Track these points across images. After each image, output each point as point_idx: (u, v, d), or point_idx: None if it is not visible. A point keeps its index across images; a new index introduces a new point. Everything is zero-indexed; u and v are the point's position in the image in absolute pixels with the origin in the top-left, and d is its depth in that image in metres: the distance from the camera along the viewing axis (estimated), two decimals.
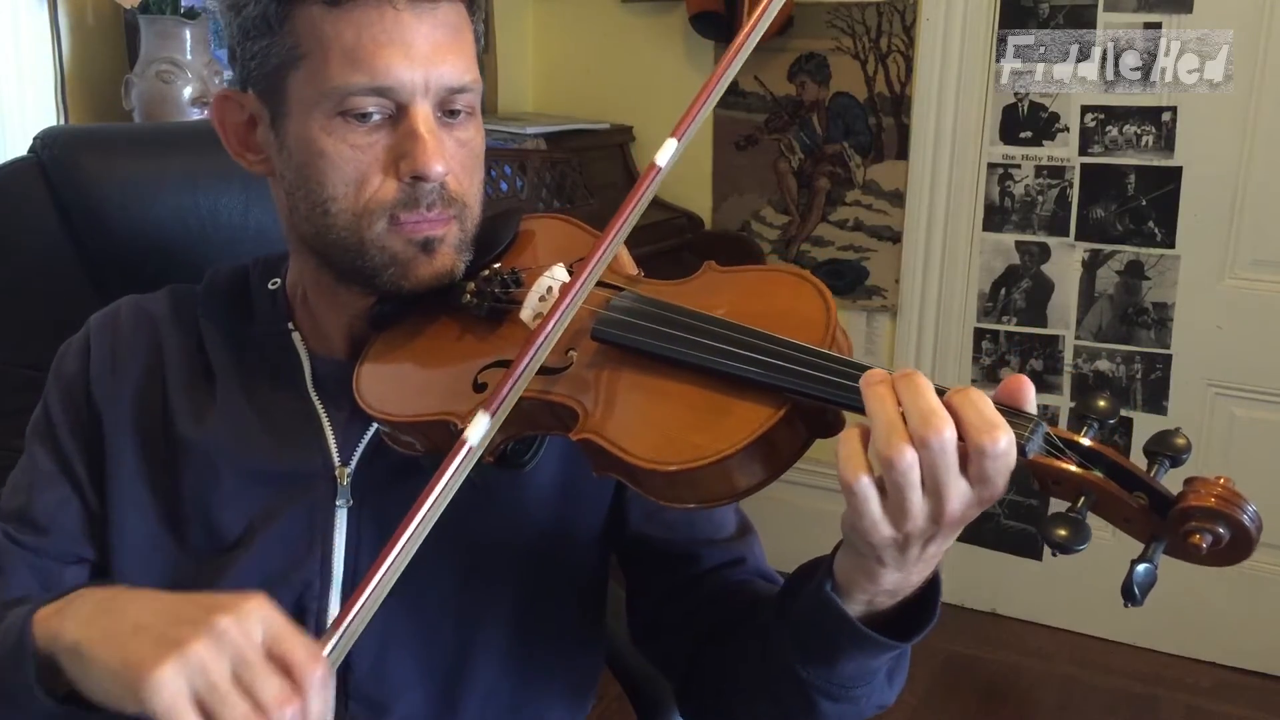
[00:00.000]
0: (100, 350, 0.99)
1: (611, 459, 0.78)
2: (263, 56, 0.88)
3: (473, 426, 0.75)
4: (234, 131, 0.95)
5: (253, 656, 0.68)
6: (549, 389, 0.82)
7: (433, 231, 0.89)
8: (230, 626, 0.68)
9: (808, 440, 0.77)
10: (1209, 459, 2.62)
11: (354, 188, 0.87)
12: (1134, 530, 0.69)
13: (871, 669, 0.81)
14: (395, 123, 0.87)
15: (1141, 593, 0.65)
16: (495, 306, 0.90)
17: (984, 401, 0.68)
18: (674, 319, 0.81)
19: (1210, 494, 0.66)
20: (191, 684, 0.66)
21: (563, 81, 3.10)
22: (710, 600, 0.96)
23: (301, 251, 0.96)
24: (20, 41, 1.90)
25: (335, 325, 0.98)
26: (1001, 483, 0.68)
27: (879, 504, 0.69)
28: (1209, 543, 0.66)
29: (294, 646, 0.69)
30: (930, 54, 2.65)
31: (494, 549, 0.96)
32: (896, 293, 2.82)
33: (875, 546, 0.72)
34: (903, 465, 0.67)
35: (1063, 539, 0.66)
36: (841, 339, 0.80)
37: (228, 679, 0.67)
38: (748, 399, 0.75)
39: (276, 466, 0.95)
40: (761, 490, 0.77)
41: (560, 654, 1.01)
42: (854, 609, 0.78)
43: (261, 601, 0.70)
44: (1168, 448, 0.70)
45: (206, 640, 0.67)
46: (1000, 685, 2.64)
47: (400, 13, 0.84)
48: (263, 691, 0.67)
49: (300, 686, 0.68)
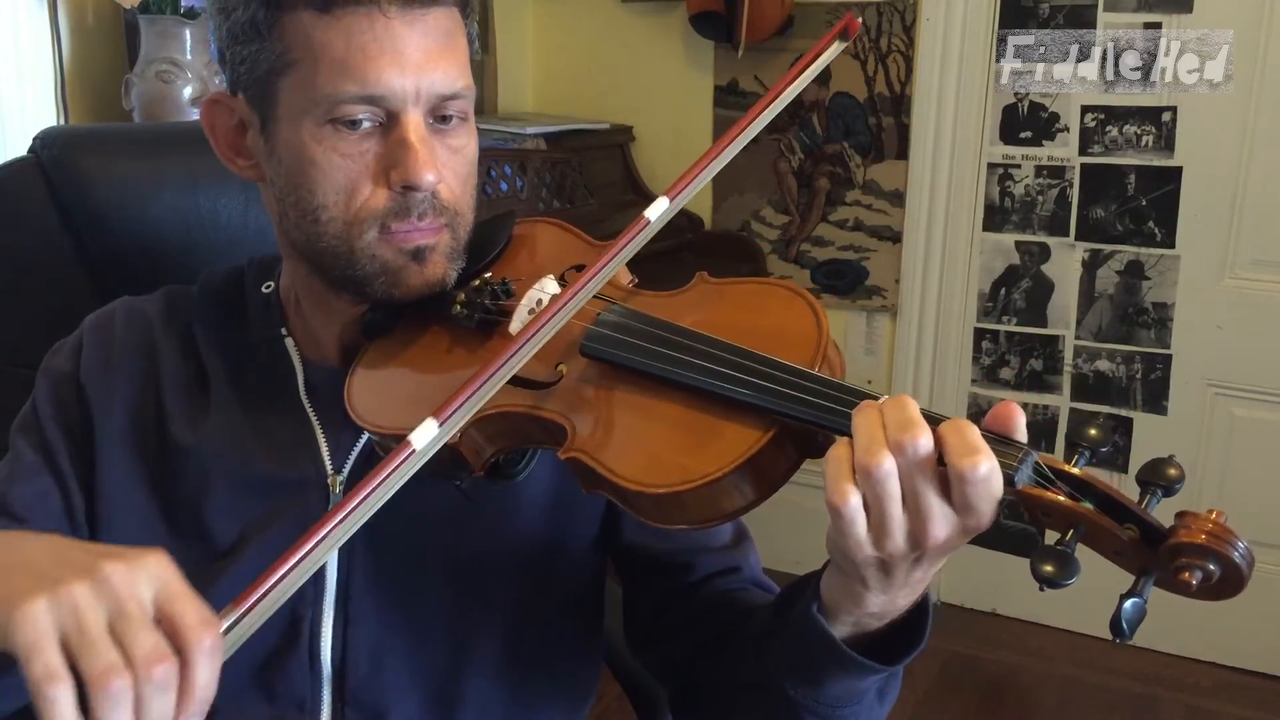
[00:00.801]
0: (93, 351, 0.98)
1: (599, 479, 0.77)
2: (252, 61, 0.87)
3: (419, 431, 0.73)
4: (224, 136, 0.94)
5: (133, 609, 0.62)
6: (538, 404, 0.82)
7: (424, 240, 0.88)
8: (116, 574, 0.63)
9: (797, 462, 0.76)
10: (1209, 459, 2.62)
11: (344, 196, 0.87)
12: (1125, 563, 0.69)
13: (859, 689, 0.81)
14: (386, 131, 0.86)
15: (1130, 628, 0.65)
16: (485, 318, 0.90)
17: (970, 429, 0.67)
18: (665, 337, 0.81)
19: (1201, 530, 0.65)
20: (60, 624, 0.61)
21: (563, 81, 3.10)
22: (705, 609, 0.96)
23: (293, 257, 0.95)
24: (20, 41, 1.90)
25: (327, 332, 0.97)
26: (986, 510, 0.67)
27: (864, 523, 0.69)
28: (1199, 579, 0.65)
29: (185, 609, 0.63)
30: (930, 54, 2.65)
31: (488, 559, 0.95)
32: (896, 293, 2.82)
33: (858, 566, 0.71)
34: (880, 473, 0.67)
35: (1049, 575, 0.65)
36: (833, 355, 0.79)
37: (100, 625, 0.61)
38: (736, 421, 0.74)
39: (269, 474, 0.94)
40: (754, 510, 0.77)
41: (556, 662, 1.01)
42: (840, 630, 0.77)
43: (160, 558, 0.65)
44: (1160, 478, 0.69)
45: (87, 583, 0.62)
46: (1000, 685, 2.65)
47: (391, 20, 0.83)
48: (136, 645, 0.61)
49: (184, 650, 0.62)
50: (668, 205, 0.82)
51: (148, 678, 0.60)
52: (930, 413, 0.69)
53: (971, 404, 2.83)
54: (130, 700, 0.60)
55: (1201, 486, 2.62)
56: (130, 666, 0.60)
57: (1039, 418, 2.76)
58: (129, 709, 0.60)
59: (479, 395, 0.76)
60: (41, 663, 0.60)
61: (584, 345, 0.83)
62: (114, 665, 0.60)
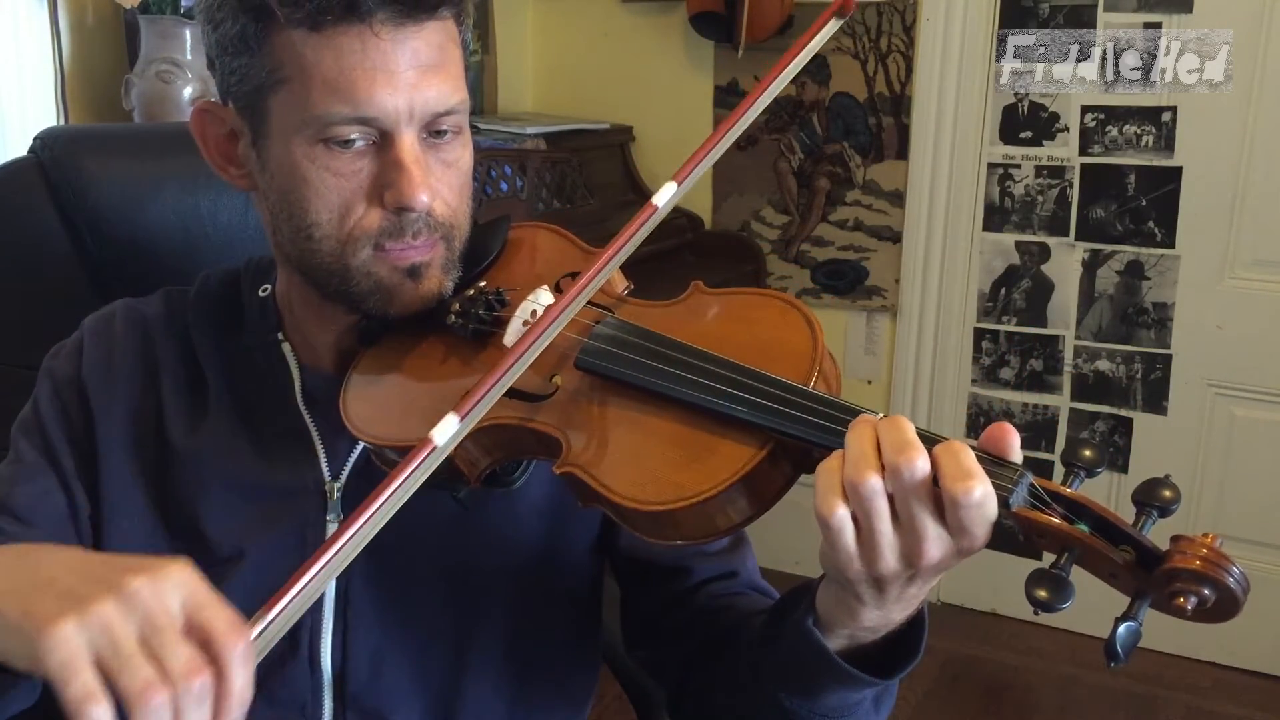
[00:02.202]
0: (94, 353, 0.98)
1: (594, 494, 0.77)
2: (242, 74, 0.85)
3: (441, 426, 0.73)
4: (215, 144, 0.93)
5: (164, 621, 0.62)
6: (533, 416, 0.81)
7: (419, 258, 0.87)
8: (143, 588, 0.62)
9: (792, 477, 0.76)
10: (1209, 459, 2.62)
11: (338, 215, 0.85)
12: (1120, 585, 0.69)
13: (854, 700, 0.81)
14: (380, 149, 0.85)
15: (1125, 652, 0.64)
16: (479, 329, 0.89)
17: (965, 452, 0.67)
18: (659, 351, 0.80)
19: (1196, 556, 0.65)
20: (93, 644, 0.61)
21: (563, 81, 3.10)
22: (702, 613, 0.96)
23: (287, 266, 0.95)
24: (20, 41, 1.90)
25: (323, 339, 0.96)
26: (980, 533, 0.67)
27: (852, 537, 0.68)
28: (1194, 604, 0.65)
29: (214, 616, 0.63)
30: (930, 54, 2.65)
31: (486, 565, 0.95)
32: (896, 293, 2.81)
33: (852, 583, 0.71)
34: (866, 489, 0.66)
35: (1043, 599, 0.65)
36: (829, 368, 0.79)
37: (133, 641, 0.61)
38: (731, 437, 0.74)
39: (267, 481, 0.94)
40: (751, 524, 0.77)
41: (556, 667, 1.01)
42: (835, 643, 0.77)
43: (184, 568, 0.65)
44: (1156, 499, 0.68)
45: (115, 600, 0.62)
46: (1000, 685, 2.64)
47: (382, 39, 0.81)
48: (171, 658, 0.61)
49: (217, 659, 0.62)
50: (675, 190, 0.81)
51: (187, 689, 0.60)
52: (926, 433, 0.69)
53: (971, 404, 2.83)
54: (170, 714, 0.60)
55: (1202, 486, 2.63)
56: (168, 680, 0.60)
57: (1039, 418, 2.76)
58: None
59: (500, 387, 0.75)
60: (79, 684, 0.60)
61: (579, 359, 0.82)
62: (152, 681, 0.60)
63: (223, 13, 0.85)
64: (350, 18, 0.80)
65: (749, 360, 0.77)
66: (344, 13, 0.80)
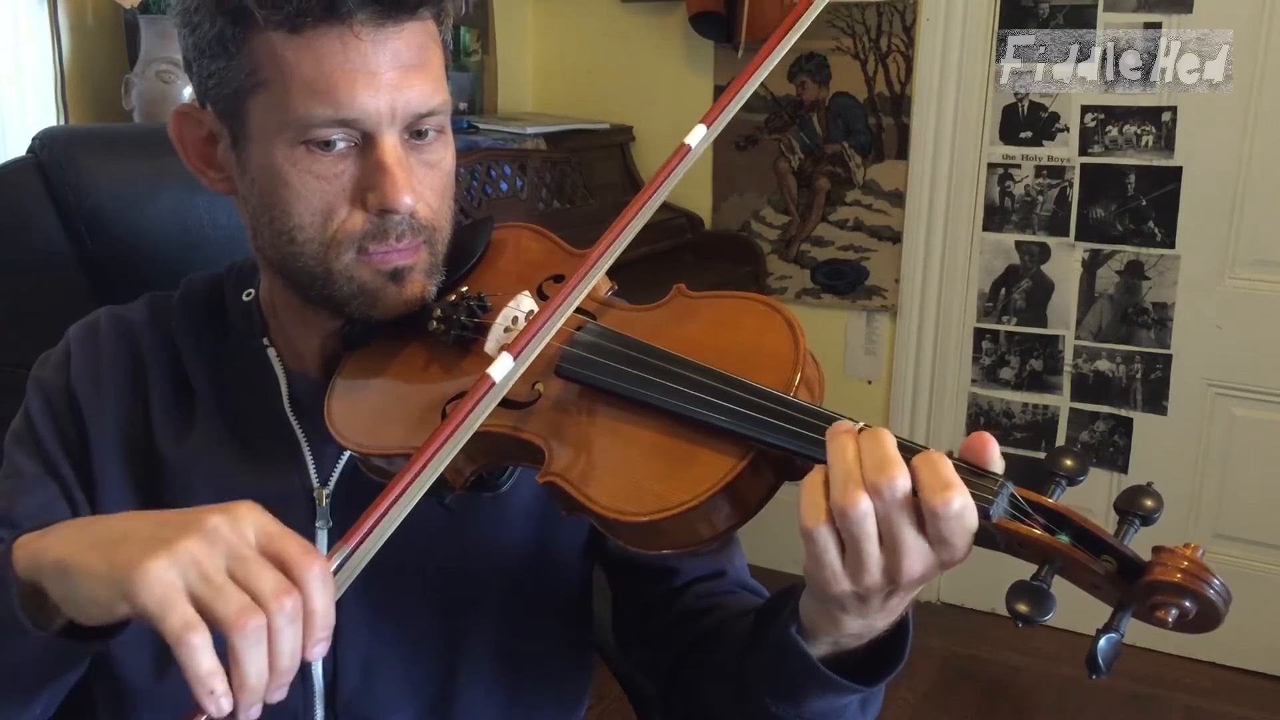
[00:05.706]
0: (81, 363, 0.97)
1: (577, 504, 0.77)
2: (220, 77, 0.84)
3: (497, 364, 0.75)
4: (194, 148, 0.92)
5: (246, 551, 0.66)
6: (516, 425, 0.81)
7: (402, 261, 0.87)
8: (221, 524, 0.66)
9: (775, 485, 0.75)
10: (1209, 459, 2.62)
11: (320, 218, 0.85)
12: (1102, 596, 0.68)
13: (839, 705, 0.80)
14: (362, 152, 0.84)
15: (1106, 665, 0.64)
16: (461, 335, 0.88)
17: (943, 463, 0.66)
18: (640, 359, 0.80)
19: (1177, 568, 0.64)
20: (184, 577, 0.64)
21: (563, 81, 3.10)
22: (690, 613, 0.96)
23: (269, 270, 0.94)
24: (20, 41, 1.90)
25: (308, 344, 0.96)
26: (961, 544, 0.67)
27: (838, 554, 0.68)
28: (1174, 617, 0.64)
29: (289, 544, 0.67)
30: (930, 54, 2.65)
31: (476, 569, 0.95)
32: (896, 293, 2.81)
33: (835, 597, 0.71)
34: (856, 514, 0.66)
35: (1024, 613, 0.65)
36: (811, 372, 0.78)
37: (222, 571, 0.64)
38: (712, 447, 0.74)
39: (255, 489, 0.92)
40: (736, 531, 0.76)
41: (548, 669, 1.01)
42: (819, 650, 0.77)
43: (252, 505, 0.69)
44: (1138, 508, 0.68)
45: (197, 536, 0.65)
46: (1000, 685, 2.64)
47: (362, 41, 0.80)
48: (260, 583, 0.64)
49: (299, 580, 0.65)
50: (706, 132, 0.81)
51: (280, 610, 0.64)
52: (905, 443, 0.68)
53: (971, 404, 2.83)
54: (265, 635, 0.64)
55: (1201, 486, 2.63)
56: (262, 603, 0.64)
57: (1039, 418, 2.76)
58: (264, 644, 0.64)
59: (549, 327, 0.78)
60: (178, 614, 0.63)
61: (560, 366, 0.82)
62: (247, 606, 0.63)
63: (199, 15, 0.84)
64: (330, 19, 0.80)
65: (731, 367, 0.77)
66: (324, 14, 0.80)
